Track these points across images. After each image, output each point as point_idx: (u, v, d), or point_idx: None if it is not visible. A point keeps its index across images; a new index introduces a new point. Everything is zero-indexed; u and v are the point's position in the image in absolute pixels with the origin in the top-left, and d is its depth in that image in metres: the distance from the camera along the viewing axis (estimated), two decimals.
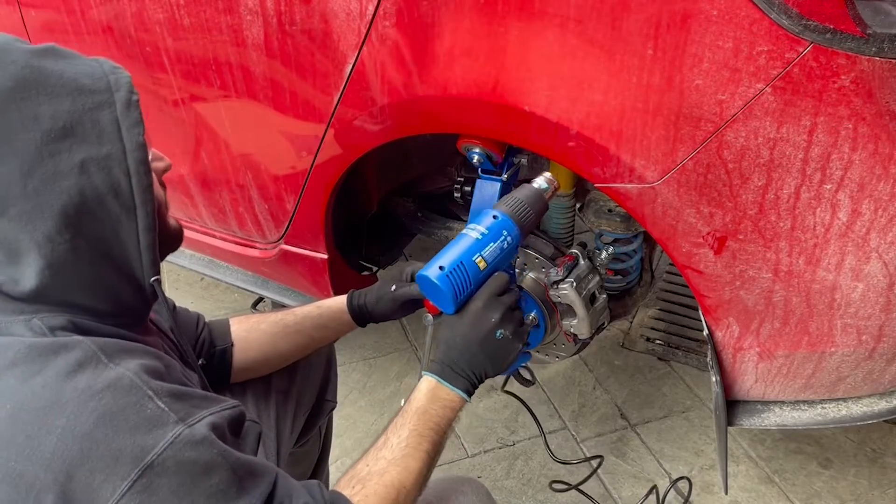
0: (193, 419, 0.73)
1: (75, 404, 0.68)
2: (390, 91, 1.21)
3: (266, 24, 1.30)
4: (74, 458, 0.67)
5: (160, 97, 1.60)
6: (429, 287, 0.98)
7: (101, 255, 0.76)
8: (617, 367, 2.15)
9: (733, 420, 1.27)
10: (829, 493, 1.70)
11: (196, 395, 0.77)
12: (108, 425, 0.68)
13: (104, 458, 0.67)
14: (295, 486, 0.80)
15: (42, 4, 1.67)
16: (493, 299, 0.98)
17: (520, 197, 1.04)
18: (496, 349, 0.97)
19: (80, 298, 0.77)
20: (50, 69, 0.74)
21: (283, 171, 1.53)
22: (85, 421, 0.68)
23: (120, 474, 0.67)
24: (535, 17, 1.02)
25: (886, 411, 1.18)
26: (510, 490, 1.77)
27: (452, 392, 0.96)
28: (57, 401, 0.68)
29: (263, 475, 0.77)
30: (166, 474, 0.69)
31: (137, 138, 0.77)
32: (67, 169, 0.72)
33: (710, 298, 1.13)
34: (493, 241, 1.00)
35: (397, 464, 0.88)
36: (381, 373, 2.19)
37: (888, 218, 0.95)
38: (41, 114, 0.72)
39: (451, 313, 0.99)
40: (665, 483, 1.75)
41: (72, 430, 0.67)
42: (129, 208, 0.76)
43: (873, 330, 1.06)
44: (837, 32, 0.85)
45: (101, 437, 0.68)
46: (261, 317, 1.25)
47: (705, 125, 0.96)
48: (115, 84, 0.78)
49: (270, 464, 0.82)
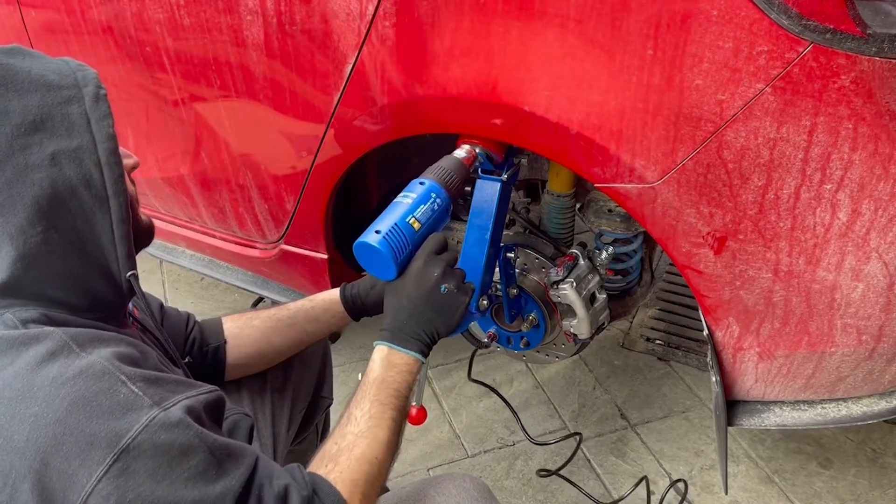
0: (168, 403, 0.72)
1: (47, 392, 0.68)
2: (390, 91, 1.21)
3: (266, 24, 1.30)
4: (48, 445, 0.67)
5: (160, 97, 1.60)
6: (368, 254, 0.99)
7: (75, 247, 0.77)
8: (617, 367, 2.15)
9: (733, 420, 1.27)
10: (829, 493, 1.70)
11: (171, 380, 0.77)
12: (80, 411, 0.68)
13: (78, 443, 0.67)
14: (275, 468, 0.81)
15: (42, 4, 1.67)
16: (431, 257, 1.00)
17: (443, 165, 1.11)
18: (443, 305, 0.98)
19: (54, 291, 0.77)
20: (18, 67, 0.76)
21: (283, 171, 1.53)
22: (57, 408, 0.68)
23: (95, 459, 0.67)
24: (535, 17, 1.02)
25: (886, 411, 1.18)
26: (510, 490, 1.77)
27: (407, 355, 0.97)
28: (28, 390, 0.69)
29: (243, 456, 0.77)
30: (143, 457, 0.68)
31: (107, 130, 0.79)
32: (38, 161, 0.73)
33: (710, 298, 1.13)
34: (424, 202, 1.04)
35: (364, 436, 0.89)
36: None
37: (888, 218, 0.95)
38: (11, 109, 0.73)
39: (392, 278, 1.00)
40: (665, 483, 1.75)
41: (44, 417, 0.67)
42: (101, 199, 0.77)
43: (873, 330, 1.06)
44: (837, 32, 0.85)
45: (74, 424, 0.67)
46: (253, 313, 1.25)
47: (705, 125, 0.96)
48: (83, 80, 0.80)
49: (250, 446, 0.81)
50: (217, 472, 0.73)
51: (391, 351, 0.96)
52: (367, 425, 0.90)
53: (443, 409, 2.04)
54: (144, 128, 1.72)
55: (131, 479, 0.67)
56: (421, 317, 0.97)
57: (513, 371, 2.16)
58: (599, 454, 1.85)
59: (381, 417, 0.91)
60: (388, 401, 0.93)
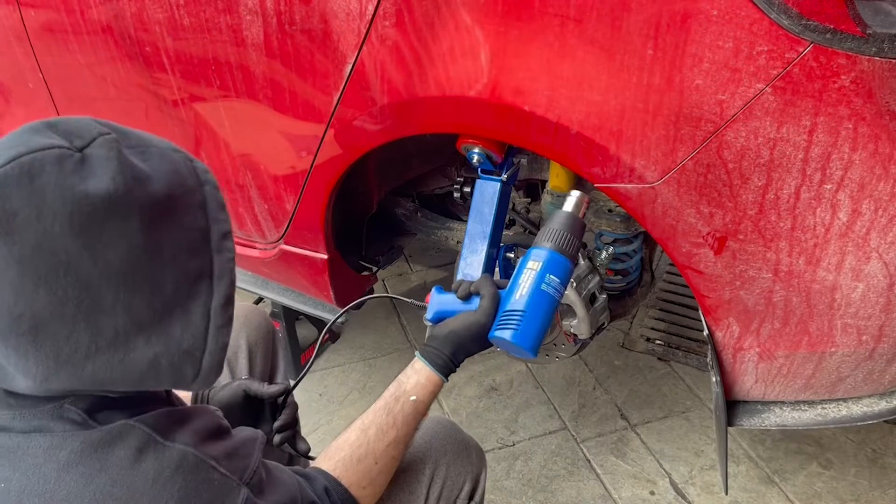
0: (247, 475, 0.76)
1: (151, 496, 0.68)
2: (390, 91, 1.21)
3: (266, 24, 1.29)
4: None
5: (160, 97, 1.60)
6: (511, 348, 1.02)
7: None
8: (617, 367, 2.15)
9: (733, 420, 1.27)
10: (829, 494, 1.70)
11: (238, 444, 0.79)
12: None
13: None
14: (306, 486, 0.87)
15: (42, 4, 1.67)
16: None
17: (554, 227, 1.03)
18: None
19: None
20: (162, 247, 0.67)
21: (282, 171, 1.53)
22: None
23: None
24: (536, 17, 1.02)
25: (886, 411, 1.17)
26: (510, 490, 1.77)
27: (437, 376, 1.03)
28: (131, 496, 0.67)
29: (293, 496, 0.83)
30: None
31: (223, 340, 0.73)
32: (138, 360, 0.67)
33: (710, 298, 1.13)
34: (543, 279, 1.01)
35: None
36: (381, 373, 2.19)
37: (888, 218, 0.95)
38: (137, 303, 0.66)
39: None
40: (665, 483, 1.75)
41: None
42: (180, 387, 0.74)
43: (873, 330, 1.06)
44: (837, 32, 0.85)
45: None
46: None
47: (705, 125, 0.96)
48: (220, 269, 0.72)
49: (287, 477, 0.85)
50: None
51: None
52: None
53: (443, 409, 2.04)
54: (144, 128, 1.70)
55: None
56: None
57: (513, 371, 2.16)
58: (599, 454, 1.85)
59: None
60: None
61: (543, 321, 0.99)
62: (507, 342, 0.98)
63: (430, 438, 1.10)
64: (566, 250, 1.01)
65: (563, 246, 1.01)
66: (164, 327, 0.68)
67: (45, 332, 0.63)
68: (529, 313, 0.97)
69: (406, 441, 0.99)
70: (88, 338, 0.64)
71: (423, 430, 1.11)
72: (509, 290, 1.01)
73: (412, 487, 1.04)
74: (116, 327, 0.65)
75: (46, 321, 0.62)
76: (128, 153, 0.66)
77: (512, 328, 0.97)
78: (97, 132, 0.66)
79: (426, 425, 1.13)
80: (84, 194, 0.61)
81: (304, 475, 0.89)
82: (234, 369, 1.28)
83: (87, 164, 0.63)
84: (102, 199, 0.62)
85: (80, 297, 0.62)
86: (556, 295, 1.00)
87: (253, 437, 0.82)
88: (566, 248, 1.01)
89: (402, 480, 1.04)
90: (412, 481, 1.05)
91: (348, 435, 0.97)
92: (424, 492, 1.04)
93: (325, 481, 0.90)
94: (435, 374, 1.00)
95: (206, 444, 0.74)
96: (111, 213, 0.63)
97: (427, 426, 1.13)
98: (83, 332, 0.64)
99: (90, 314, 0.63)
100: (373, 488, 0.95)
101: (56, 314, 0.62)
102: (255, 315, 1.37)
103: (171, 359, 0.69)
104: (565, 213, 1.05)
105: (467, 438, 1.14)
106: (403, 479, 1.05)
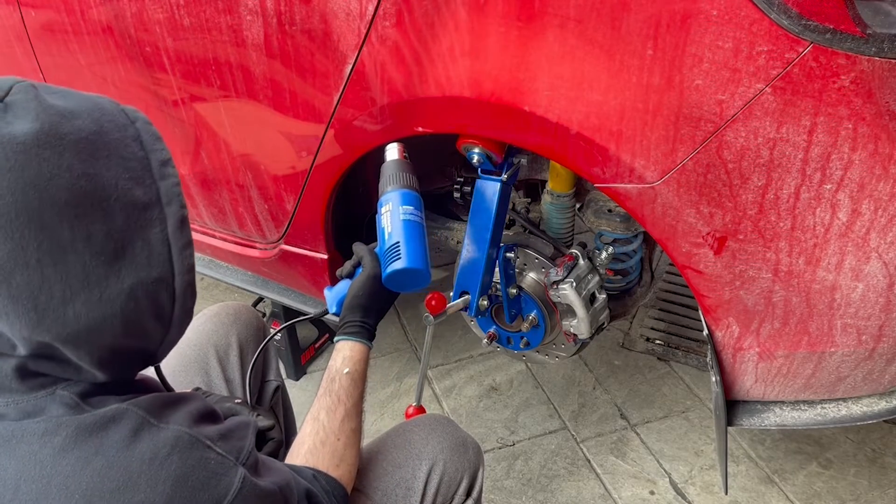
0: (243, 455, 0.77)
1: (147, 477, 0.68)
2: (390, 91, 1.21)
3: (266, 24, 1.30)
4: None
5: (160, 97, 1.60)
6: (407, 277, 1.06)
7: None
8: (617, 367, 2.15)
9: (733, 420, 1.27)
10: (829, 493, 1.70)
11: (233, 427, 0.80)
12: (184, 487, 0.70)
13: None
14: (294, 475, 0.88)
15: (42, 4, 1.67)
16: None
17: (391, 173, 1.14)
18: None
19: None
20: (104, 179, 0.67)
21: (282, 171, 1.53)
22: (162, 490, 0.68)
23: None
24: (535, 17, 1.02)
25: (886, 411, 1.18)
26: (510, 490, 1.77)
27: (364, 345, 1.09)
28: (129, 478, 0.68)
29: (286, 479, 0.84)
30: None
31: (188, 261, 0.74)
32: (115, 294, 0.68)
33: (710, 298, 1.13)
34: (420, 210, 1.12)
35: None
36: (381, 373, 2.19)
37: (888, 218, 0.95)
38: (94, 233, 0.66)
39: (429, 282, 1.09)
40: (665, 483, 1.75)
41: (152, 502, 0.68)
42: (164, 326, 0.75)
43: (873, 330, 1.06)
44: (837, 32, 0.85)
45: (181, 501, 0.69)
46: None
47: (705, 125, 0.96)
48: (167, 194, 0.73)
49: (278, 463, 0.87)
50: (285, 501, 0.81)
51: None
52: None
53: (443, 409, 2.04)
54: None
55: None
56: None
57: (513, 371, 2.16)
58: (599, 454, 1.85)
59: None
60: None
61: (420, 242, 1.07)
62: (400, 271, 1.04)
63: (428, 435, 1.11)
64: (407, 184, 1.12)
65: (403, 182, 1.12)
66: (130, 258, 0.69)
67: (15, 282, 0.64)
68: (405, 239, 1.06)
69: (357, 411, 1.03)
70: (61, 280, 0.65)
71: (421, 427, 1.13)
72: (380, 240, 1.11)
73: (410, 483, 1.05)
74: (84, 263, 0.66)
75: (12, 270, 0.63)
76: (47, 96, 0.68)
77: (397, 257, 1.05)
78: (13, 82, 0.68)
79: (423, 422, 1.15)
80: (11, 136, 0.63)
81: (290, 466, 0.92)
82: (226, 367, 1.28)
83: (10, 110, 0.65)
84: (29, 136, 0.63)
85: (39, 238, 0.63)
86: (418, 220, 1.09)
87: (246, 422, 0.83)
88: (406, 182, 1.12)
89: (399, 477, 1.06)
90: (409, 477, 1.06)
91: (303, 430, 1.00)
92: (422, 487, 1.05)
93: (309, 470, 0.93)
94: (355, 341, 1.06)
95: (200, 426, 0.75)
96: (43, 149, 0.64)
97: (424, 423, 1.14)
98: (53, 277, 0.65)
99: (53, 253, 0.64)
100: (345, 465, 0.98)
101: (20, 261, 0.63)
102: (245, 313, 1.37)
103: (146, 288, 0.70)
104: (392, 160, 1.15)
105: (464, 435, 1.15)
106: (401, 476, 1.06)
